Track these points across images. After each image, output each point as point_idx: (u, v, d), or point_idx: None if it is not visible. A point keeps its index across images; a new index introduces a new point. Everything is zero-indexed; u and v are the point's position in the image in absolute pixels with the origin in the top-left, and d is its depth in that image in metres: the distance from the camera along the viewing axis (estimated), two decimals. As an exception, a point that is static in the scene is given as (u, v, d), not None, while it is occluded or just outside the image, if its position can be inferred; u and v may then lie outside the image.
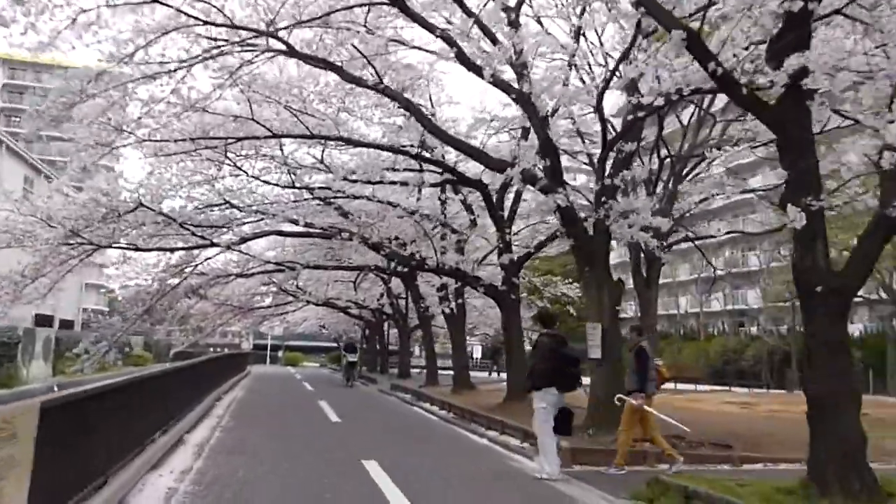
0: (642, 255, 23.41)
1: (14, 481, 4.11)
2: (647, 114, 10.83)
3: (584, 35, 12.72)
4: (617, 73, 10.47)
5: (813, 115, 6.54)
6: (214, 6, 9.86)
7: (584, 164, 17.14)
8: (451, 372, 28.01)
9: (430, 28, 10.29)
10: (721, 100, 15.90)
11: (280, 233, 16.95)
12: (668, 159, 16.52)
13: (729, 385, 36.98)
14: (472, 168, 15.85)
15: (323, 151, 16.30)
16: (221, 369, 21.29)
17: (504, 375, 23.48)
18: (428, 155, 15.08)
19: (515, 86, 10.61)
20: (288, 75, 15.41)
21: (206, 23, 9.98)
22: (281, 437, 11.29)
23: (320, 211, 18.23)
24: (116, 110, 12.59)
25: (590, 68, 14.09)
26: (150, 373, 9.46)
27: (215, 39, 10.35)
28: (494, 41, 10.48)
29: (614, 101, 21.08)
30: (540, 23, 13.11)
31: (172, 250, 16.10)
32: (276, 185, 17.78)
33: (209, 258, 17.37)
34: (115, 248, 14.78)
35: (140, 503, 6.44)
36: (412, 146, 14.82)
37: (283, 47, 11.20)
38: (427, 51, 13.01)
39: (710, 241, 30.41)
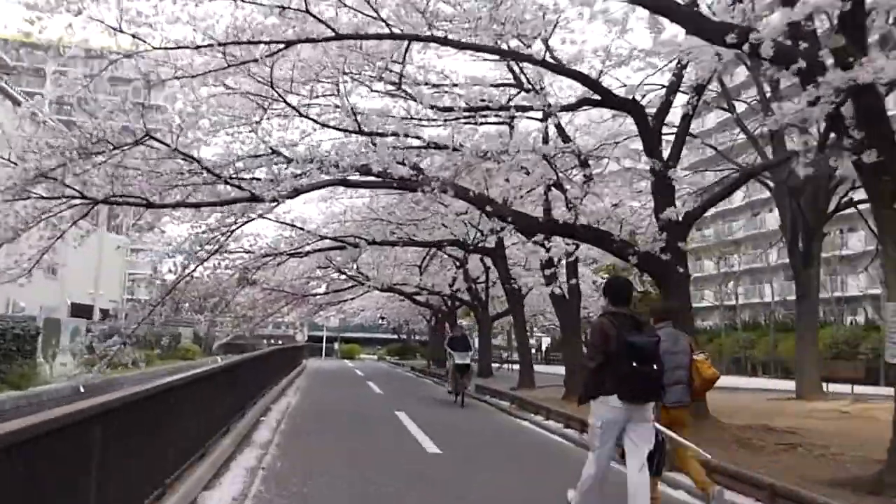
0: (803, 221, 18.31)
1: None
2: None
3: None
4: None
5: None
6: None
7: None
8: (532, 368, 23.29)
9: None
10: None
11: (345, 182, 12.30)
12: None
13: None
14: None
15: (402, 66, 11.61)
16: (271, 368, 16.94)
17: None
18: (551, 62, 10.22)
19: None
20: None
21: None
22: (362, 498, 6.69)
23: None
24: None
25: None
26: (135, 394, 5.00)
27: None
28: None
29: None
30: None
31: (198, 206, 11.64)
32: (338, 128, 13.22)
33: (251, 220, 12.88)
34: (112, 203, 10.39)
35: None
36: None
37: None
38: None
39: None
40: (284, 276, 26.67)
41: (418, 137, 13.28)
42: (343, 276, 29.51)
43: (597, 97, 10.52)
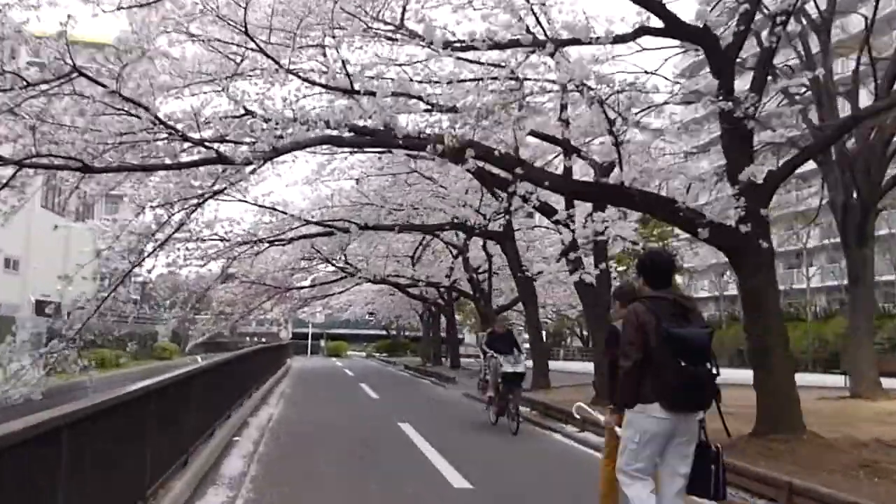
0: (854, 195, 16.17)
1: None
2: None
3: None
4: None
5: None
6: None
7: None
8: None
9: None
10: None
11: (337, 140, 9.80)
12: None
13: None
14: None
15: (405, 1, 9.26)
16: (249, 372, 14.56)
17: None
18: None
19: None
20: None
21: None
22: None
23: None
24: None
25: None
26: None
27: None
28: None
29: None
30: None
31: (149, 169, 9.17)
32: (326, 86, 10.77)
33: (218, 192, 10.36)
34: (35, 165, 7.93)
35: None
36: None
37: None
38: None
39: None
40: (266, 268, 24.31)
41: (420, 98, 10.96)
42: (330, 269, 27.20)
43: (658, 25, 8.23)
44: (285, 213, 18.90)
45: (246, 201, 18.27)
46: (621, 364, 4.33)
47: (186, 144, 9.61)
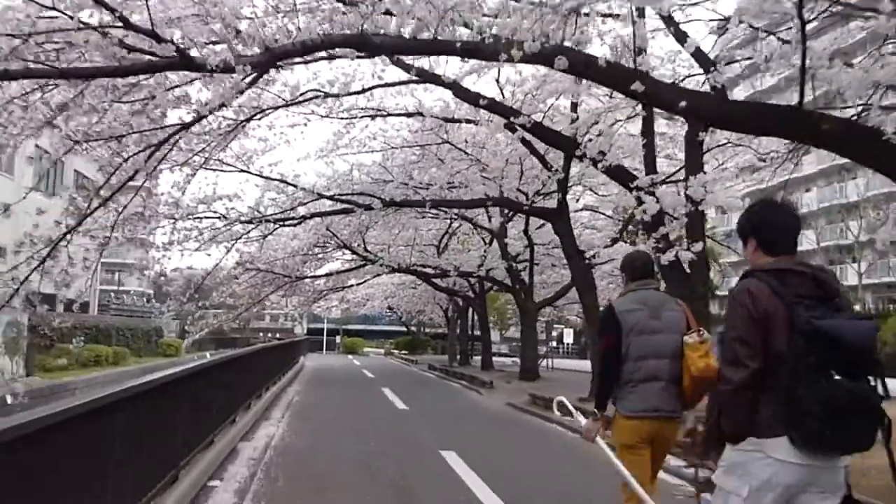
0: None
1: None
2: None
3: None
4: None
5: None
6: None
7: None
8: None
9: None
10: None
11: (364, 43, 6.51)
12: None
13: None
14: None
15: None
16: (250, 376, 11.57)
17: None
18: None
19: None
20: None
21: None
22: None
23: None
24: None
25: None
26: None
27: None
28: None
29: None
30: None
31: (71, 76, 5.85)
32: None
33: (188, 127, 7.17)
34: None
35: None
36: None
37: None
38: None
39: None
40: (275, 255, 21.41)
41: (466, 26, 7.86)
42: (347, 256, 24.26)
43: None
44: (296, 187, 15.95)
45: (249, 171, 15.37)
46: (729, 377, 2.63)
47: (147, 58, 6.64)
